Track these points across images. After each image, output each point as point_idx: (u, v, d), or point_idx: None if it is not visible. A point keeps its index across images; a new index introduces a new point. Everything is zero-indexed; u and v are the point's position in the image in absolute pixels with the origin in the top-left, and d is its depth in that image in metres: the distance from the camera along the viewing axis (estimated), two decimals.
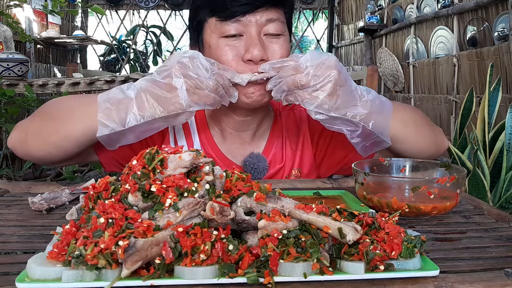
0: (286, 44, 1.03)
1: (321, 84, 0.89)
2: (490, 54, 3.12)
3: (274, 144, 1.16)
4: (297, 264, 0.50)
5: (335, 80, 0.89)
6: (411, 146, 1.03)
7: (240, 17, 0.99)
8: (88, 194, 0.58)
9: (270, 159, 1.14)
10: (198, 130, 1.16)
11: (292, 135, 1.18)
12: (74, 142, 0.96)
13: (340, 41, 7.42)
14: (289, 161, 1.16)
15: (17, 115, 2.67)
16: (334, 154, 1.16)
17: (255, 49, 0.97)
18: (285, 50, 1.02)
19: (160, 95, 0.89)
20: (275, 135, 1.17)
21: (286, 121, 1.20)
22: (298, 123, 1.19)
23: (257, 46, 0.98)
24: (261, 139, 1.17)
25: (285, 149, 1.16)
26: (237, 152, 1.14)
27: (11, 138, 1.01)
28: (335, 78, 0.89)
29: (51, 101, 1.05)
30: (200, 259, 0.49)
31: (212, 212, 0.54)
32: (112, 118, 0.90)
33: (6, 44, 3.76)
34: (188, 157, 0.58)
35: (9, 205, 0.82)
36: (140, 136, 0.96)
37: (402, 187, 0.77)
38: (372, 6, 5.52)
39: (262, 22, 1.00)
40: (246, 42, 0.99)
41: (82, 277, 0.48)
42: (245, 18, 0.99)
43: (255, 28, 1.00)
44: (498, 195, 1.88)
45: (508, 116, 1.90)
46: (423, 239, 0.55)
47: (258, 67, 0.98)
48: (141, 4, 7.22)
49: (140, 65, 7.79)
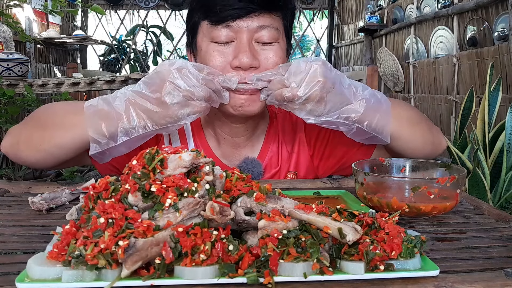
0: (279, 52, 1.00)
1: (306, 95, 0.87)
2: (490, 54, 3.12)
3: (269, 148, 1.15)
4: (297, 264, 0.50)
5: (320, 89, 0.87)
6: (407, 144, 1.01)
7: (231, 22, 0.96)
8: (88, 194, 0.58)
9: (265, 163, 1.13)
10: (193, 133, 1.14)
11: (288, 138, 1.17)
12: (65, 150, 0.96)
13: (340, 41, 7.42)
14: (285, 165, 1.15)
15: (17, 115, 2.67)
16: (332, 155, 1.15)
17: (244, 56, 0.95)
18: (279, 58, 0.99)
19: (150, 110, 0.88)
20: (270, 139, 1.16)
21: (282, 123, 1.18)
22: (294, 125, 1.18)
23: (246, 53, 0.95)
24: (256, 143, 1.15)
25: (281, 152, 1.15)
26: (232, 156, 1.13)
27: (4, 143, 1.02)
28: (320, 86, 0.87)
29: (42, 108, 1.05)
30: (200, 259, 0.49)
31: (212, 212, 0.54)
32: (103, 134, 0.89)
33: (6, 44, 3.76)
34: (188, 157, 0.58)
35: (9, 205, 0.82)
36: (132, 146, 0.96)
37: (402, 187, 0.77)
38: (372, 6, 5.52)
39: (253, 28, 0.97)
40: (236, 48, 0.97)
41: (82, 277, 0.48)
42: (236, 23, 0.96)
43: (246, 34, 0.97)
44: (498, 195, 1.88)
45: (508, 116, 1.90)
46: (423, 239, 0.55)
47: (247, 75, 0.96)
48: (141, 4, 7.22)
49: (140, 65, 7.79)
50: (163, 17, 7.47)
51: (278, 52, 0.99)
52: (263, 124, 1.17)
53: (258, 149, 1.14)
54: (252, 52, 0.96)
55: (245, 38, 0.97)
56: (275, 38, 0.99)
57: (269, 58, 0.98)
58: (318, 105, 0.88)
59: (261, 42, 0.98)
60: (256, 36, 0.98)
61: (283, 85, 0.89)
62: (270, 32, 0.98)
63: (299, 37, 8.78)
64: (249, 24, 0.97)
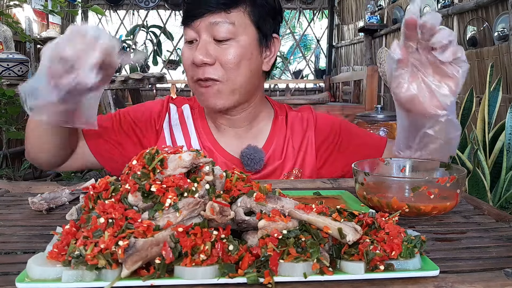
0: (235, 50, 1.04)
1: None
2: (490, 54, 3.12)
3: (274, 141, 1.17)
4: (297, 264, 0.50)
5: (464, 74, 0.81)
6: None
7: (191, 22, 1.05)
8: (88, 194, 0.58)
9: (269, 155, 1.14)
10: (196, 124, 1.18)
11: (296, 136, 1.18)
12: (54, 149, 1.04)
13: (340, 41, 7.42)
14: (289, 160, 1.16)
15: (17, 115, 2.67)
16: (335, 162, 1.17)
17: (197, 54, 1.02)
18: (234, 55, 1.03)
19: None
20: (276, 132, 1.18)
21: (292, 122, 1.20)
22: (304, 126, 1.20)
23: (200, 50, 1.02)
24: (260, 135, 1.18)
25: (286, 147, 1.17)
26: (235, 146, 1.15)
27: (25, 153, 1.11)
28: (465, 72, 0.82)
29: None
30: (200, 259, 0.49)
31: (212, 212, 0.54)
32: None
33: (6, 44, 3.76)
34: (188, 157, 0.58)
35: (9, 205, 0.82)
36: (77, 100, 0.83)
37: (402, 187, 0.77)
38: (372, 6, 5.52)
39: (207, 25, 1.03)
40: (196, 47, 1.04)
41: (82, 277, 0.48)
42: (194, 23, 1.04)
43: (203, 32, 1.04)
44: (498, 195, 1.88)
45: (508, 116, 1.90)
46: (423, 239, 0.55)
47: (207, 71, 1.03)
48: (141, 4, 7.22)
49: (140, 65, 7.79)
50: (163, 17, 7.48)
51: (233, 50, 1.04)
52: (266, 118, 1.20)
53: (262, 141, 1.17)
54: (206, 49, 1.03)
55: (203, 36, 1.04)
56: (231, 33, 1.03)
57: (224, 55, 1.03)
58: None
59: (217, 39, 1.03)
60: (213, 34, 1.03)
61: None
62: (223, 27, 1.03)
63: (299, 37, 8.79)
64: (203, 22, 1.03)
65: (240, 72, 1.06)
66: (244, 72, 1.06)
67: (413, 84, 0.83)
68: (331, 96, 6.01)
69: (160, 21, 7.52)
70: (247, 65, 1.06)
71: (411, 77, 0.83)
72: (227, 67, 1.04)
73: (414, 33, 0.78)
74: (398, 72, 0.83)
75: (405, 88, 0.83)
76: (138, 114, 1.17)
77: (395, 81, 0.84)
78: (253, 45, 1.06)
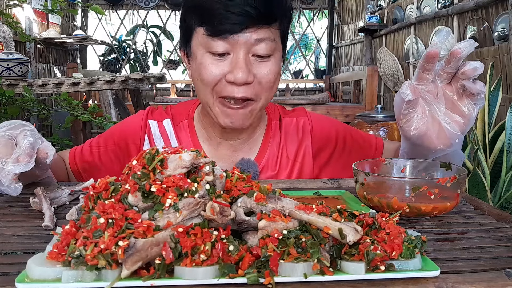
0: (274, 67, 0.97)
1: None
2: (490, 54, 3.12)
3: (267, 151, 1.12)
4: (298, 265, 0.50)
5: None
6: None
7: (228, 35, 0.92)
8: (88, 194, 0.57)
9: (262, 165, 1.11)
10: (180, 137, 1.12)
11: (291, 144, 1.14)
12: (65, 177, 1.13)
13: (340, 41, 7.42)
14: (283, 171, 1.12)
15: (17, 115, 2.67)
16: (332, 168, 1.17)
17: (240, 72, 0.92)
18: (273, 74, 0.97)
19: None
20: (268, 140, 1.13)
21: (286, 129, 1.15)
22: (300, 136, 1.15)
23: (242, 68, 0.92)
24: (254, 146, 1.13)
25: (280, 157, 1.12)
26: (228, 159, 1.11)
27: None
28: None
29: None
30: (200, 260, 0.49)
31: (212, 212, 0.54)
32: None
33: (6, 44, 3.76)
34: (188, 157, 0.58)
35: (9, 205, 0.81)
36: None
37: (402, 187, 0.77)
38: (372, 6, 5.53)
39: (251, 42, 0.93)
40: (232, 63, 0.94)
41: (82, 278, 0.47)
42: (233, 36, 0.93)
43: (243, 48, 0.93)
44: (498, 195, 1.89)
45: (508, 116, 1.90)
46: (423, 239, 0.55)
47: (245, 90, 0.94)
48: (141, 4, 7.22)
49: (140, 65, 7.79)
50: (163, 17, 7.48)
51: (273, 68, 0.97)
52: (261, 127, 1.15)
53: (255, 152, 1.12)
54: (248, 68, 0.94)
55: (242, 52, 0.93)
56: (272, 50, 0.97)
57: (264, 75, 0.96)
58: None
59: (258, 55, 0.95)
60: (253, 49, 0.95)
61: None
62: (267, 45, 0.95)
63: (299, 37, 8.79)
64: (247, 38, 0.93)
65: (273, 90, 1.01)
66: (275, 90, 1.02)
67: (423, 121, 0.83)
68: (331, 96, 6.01)
69: (160, 21, 7.53)
70: (278, 82, 1.01)
71: (421, 114, 0.83)
72: (266, 86, 0.97)
73: (433, 65, 0.79)
74: (407, 111, 0.83)
75: (414, 126, 0.84)
76: (115, 138, 1.15)
77: (404, 118, 0.84)
78: (280, 60, 1.01)
